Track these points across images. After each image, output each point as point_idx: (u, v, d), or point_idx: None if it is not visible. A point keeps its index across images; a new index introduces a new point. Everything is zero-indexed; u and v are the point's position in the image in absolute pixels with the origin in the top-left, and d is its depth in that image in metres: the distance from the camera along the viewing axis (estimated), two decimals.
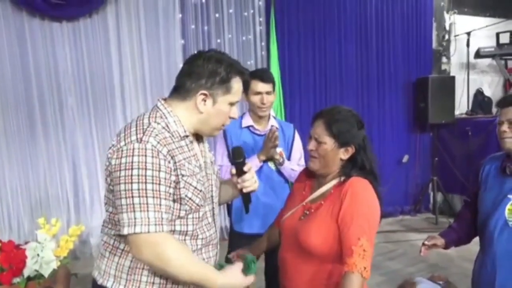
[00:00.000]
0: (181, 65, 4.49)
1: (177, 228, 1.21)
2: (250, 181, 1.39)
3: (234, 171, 1.41)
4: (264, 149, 2.11)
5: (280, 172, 2.23)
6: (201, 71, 1.22)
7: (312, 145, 1.47)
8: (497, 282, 1.62)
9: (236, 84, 1.26)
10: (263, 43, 4.60)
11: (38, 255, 2.28)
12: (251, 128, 2.21)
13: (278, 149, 2.13)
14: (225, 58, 1.26)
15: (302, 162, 2.33)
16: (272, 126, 2.20)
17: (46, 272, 2.26)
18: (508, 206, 1.61)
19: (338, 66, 5.01)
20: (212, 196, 1.35)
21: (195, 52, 1.28)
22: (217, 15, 4.40)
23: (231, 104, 1.27)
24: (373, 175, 1.45)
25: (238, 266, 1.25)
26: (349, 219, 1.35)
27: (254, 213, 2.11)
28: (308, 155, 1.52)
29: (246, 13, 4.53)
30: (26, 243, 2.39)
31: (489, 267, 1.65)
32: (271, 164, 2.20)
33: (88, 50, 3.97)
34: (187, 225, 1.23)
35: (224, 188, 1.48)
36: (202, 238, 1.27)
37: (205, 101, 1.23)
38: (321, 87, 4.94)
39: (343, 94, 5.03)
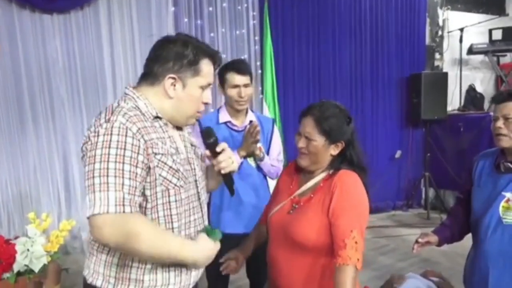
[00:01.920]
0: None
1: (160, 211, 1.17)
2: (226, 162, 1.31)
3: (208, 153, 1.34)
4: (244, 145, 2.02)
5: (259, 168, 2.17)
6: (168, 54, 1.18)
7: (302, 143, 1.46)
8: (490, 279, 1.61)
9: (206, 66, 1.22)
10: (256, 38, 4.57)
11: (28, 250, 2.26)
12: (228, 123, 2.12)
13: (258, 145, 2.07)
14: (192, 41, 1.22)
15: (281, 157, 2.28)
16: (251, 121, 2.13)
17: (36, 267, 2.24)
18: (502, 203, 1.60)
19: (332, 61, 5.00)
20: (196, 181, 1.29)
21: None
22: (210, 9, 4.35)
23: (202, 87, 1.23)
24: (361, 168, 1.47)
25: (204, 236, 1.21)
26: (340, 212, 1.36)
27: (235, 211, 2.09)
28: (292, 151, 1.52)
29: (239, 7, 4.49)
30: (16, 238, 2.37)
31: (482, 264, 1.65)
32: (250, 161, 2.14)
33: (80, 43, 3.90)
34: (170, 208, 1.18)
35: (210, 172, 1.43)
36: (185, 223, 1.23)
37: (174, 85, 1.19)
38: (314, 82, 4.93)
39: (336, 90, 5.02)
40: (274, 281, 1.52)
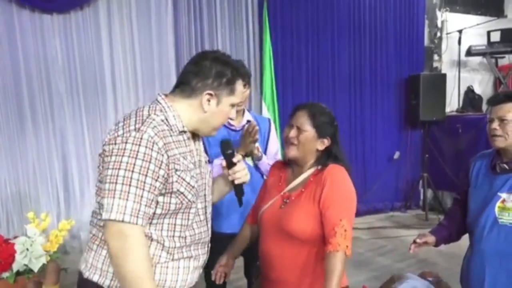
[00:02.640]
0: (173, 58, 4.44)
1: (166, 222, 1.21)
2: (241, 172, 1.41)
3: (224, 163, 1.42)
4: (242, 144, 2.04)
5: (257, 168, 2.18)
6: (209, 71, 1.25)
7: (292, 133, 1.56)
8: (486, 279, 1.63)
9: (239, 86, 1.31)
10: (255, 39, 4.58)
11: (27, 249, 2.27)
12: (226, 124, 2.09)
13: (256, 144, 2.09)
14: (231, 61, 1.31)
15: (279, 156, 2.29)
16: (248, 120, 2.14)
17: (35, 267, 2.24)
18: (498, 204, 1.61)
19: (331, 62, 5.01)
20: (205, 195, 1.34)
21: (186, 45, 1.28)
22: (209, 9, 4.36)
23: (232, 105, 1.31)
24: (346, 165, 1.58)
25: None
26: (330, 203, 1.45)
27: (233, 211, 2.07)
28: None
29: (239, 8, 4.50)
30: (15, 237, 2.38)
31: (479, 264, 1.67)
32: (248, 160, 2.14)
33: (79, 43, 3.91)
34: (175, 218, 1.23)
35: (216, 185, 1.48)
36: (191, 235, 1.26)
37: (209, 101, 1.25)
38: (313, 83, 4.94)
39: (335, 91, 5.04)
40: (268, 275, 1.57)
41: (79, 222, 3.95)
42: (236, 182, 1.42)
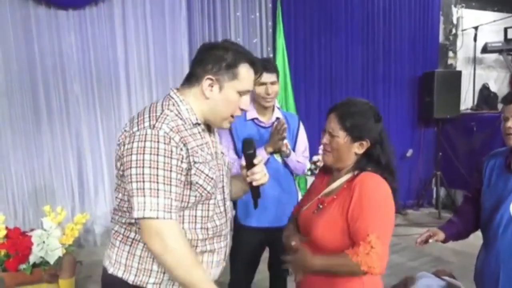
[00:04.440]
0: (186, 55, 4.44)
1: (186, 214, 1.21)
2: (260, 174, 1.35)
3: (243, 163, 1.38)
4: (271, 141, 2.07)
5: (286, 165, 2.21)
6: (208, 57, 1.23)
7: (325, 139, 1.45)
8: (501, 279, 1.61)
9: (244, 70, 1.24)
10: (269, 36, 4.56)
11: (43, 242, 2.31)
12: (255, 120, 2.17)
13: (285, 141, 2.10)
14: (234, 46, 1.26)
15: (307, 154, 2.31)
16: (277, 118, 2.17)
17: (51, 259, 2.29)
18: None
19: (345, 60, 4.97)
20: (223, 186, 1.34)
21: (201, 39, 1.27)
22: (223, 8, 4.35)
23: (240, 92, 1.25)
24: (388, 170, 1.42)
25: None
26: (357, 216, 1.32)
27: (262, 206, 2.12)
28: (314, 148, 1.52)
29: (252, 6, 4.47)
30: (32, 230, 2.42)
31: (493, 263, 1.65)
32: (277, 157, 2.18)
33: (94, 38, 3.95)
34: (196, 210, 1.23)
35: (235, 183, 1.47)
36: (212, 227, 1.27)
37: (212, 86, 1.23)
38: (326, 81, 4.91)
39: (348, 89, 4.99)
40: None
41: (93, 216, 4.02)
42: (254, 184, 1.36)
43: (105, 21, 3.96)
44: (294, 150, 2.23)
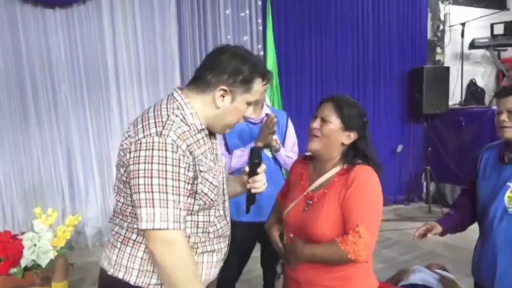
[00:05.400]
0: (176, 53, 4.39)
1: (188, 220, 1.20)
2: (260, 183, 1.39)
3: (247, 169, 1.41)
4: (261, 136, 2.11)
5: (275, 160, 2.26)
6: (225, 66, 1.19)
7: (316, 123, 1.46)
8: (498, 270, 1.64)
9: (257, 85, 1.24)
10: (259, 32, 4.55)
11: (35, 245, 2.27)
12: (245, 117, 2.21)
13: (274, 136, 2.16)
14: (251, 57, 1.24)
15: (296, 149, 2.36)
16: (267, 114, 2.21)
17: (43, 262, 2.25)
18: (507, 194, 1.62)
19: (334, 57, 4.99)
20: (223, 189, 1.34)
21: (191, 37, 1.24)
22: (213, 3, 4.33)
23: (248, 103, 1.25)
24: (376, 165, 1.47)
25: None
26: (351, 205, 1.37)
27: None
28: (305, 144, 1.52)
29: (242, 2, 4.46)
30: (22, 233, 2.38)
31: (490, 255, 1.68)
32: (267, 152, 2.22)
33: (82, 36, 3.89)
34: (197, 216, 1.22)
35: (230, 184, 1.46)
36: (213, 231, 1.27)
37: (223, 96, 1.21)
38: (317, 79, 4.92)
39: (339, 86, 5.01)
40: (293, 275, 1.52)
41: (84, 218, 3.97)
42: (253, 191, 1.40)
43: (93, 19, 3.91)
44: (283, 145, 2.27)
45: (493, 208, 1.66)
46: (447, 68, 5.36)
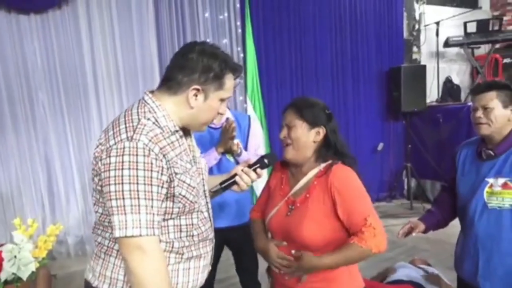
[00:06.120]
0: (156, 56, 4.31)
1: (171, 224, 1.18)
2: (249, 181, 1.42)
3: (251, 162, 1.44)
4: (222, 141, 2.11)
5: (238, 164, 2.23)
6: (195, 65, 1.17)
7: (284, 133, 1.50)
8: (480, 263, 1.68)
9: (229, 80, 1.23)
10: (238, 33, 4.55)
11: (15, 257, 2.21)
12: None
13: (235, 140, 2.14)
14: (220, 53, 1.22)
15: (260, 151, 2.33)
16: (227, 118, 2.18)
17: (24, 275, 2.19)
18: (486, 189, 1.66)
19: (314, 58, 5.04)
20: (204, 191, 1.32)
21: (169, 40, 1.22)
22: (191, 5, 4.31)
23: (221, 100, 1.25)
24: (350, 158, 1.50)
25: None
26: (350, 209, 1.40)
27: (220, 207, 2.14)
28: (277, 146, 1.54)
29: (221, 2, 4.46)
30: (1, 245, 2.31)
31: (472, 249, 1.71)
32: (229, 157, 2.20)
33: (59, 43, 3.81)
34: (180, 219, 1.20)
35: (210, 183, 1.45)
36: (198, 234, 1.25)
37: (196, 96, 1.19)
38: (297, 79, 4.96)
39: (319, 86, 5.07)
40: (280, 280, 1.52)
41: (66, 227, 3.89)
42: (237, 189, 1.43)
43: (69, 24, 3.83)
44: (246, 149, 2.25)
45: (473, 204, 1.69)
46: (424, 67, 5.47)
